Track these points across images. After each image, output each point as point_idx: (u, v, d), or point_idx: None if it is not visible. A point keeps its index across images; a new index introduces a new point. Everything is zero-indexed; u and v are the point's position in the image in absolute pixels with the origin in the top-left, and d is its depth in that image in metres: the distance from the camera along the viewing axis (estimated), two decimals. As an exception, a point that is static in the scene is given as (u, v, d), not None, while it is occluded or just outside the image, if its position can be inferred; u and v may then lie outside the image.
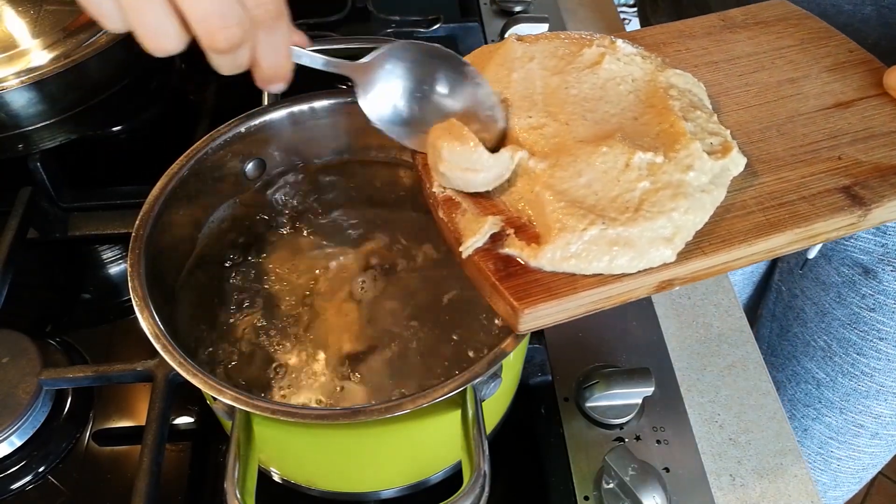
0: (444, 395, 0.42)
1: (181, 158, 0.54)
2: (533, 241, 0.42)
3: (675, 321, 0.70)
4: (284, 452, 0.52)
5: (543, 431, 0.60)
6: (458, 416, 0.44)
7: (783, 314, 0.93)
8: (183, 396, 0.60)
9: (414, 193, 0.63)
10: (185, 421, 0.61)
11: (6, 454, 0.58)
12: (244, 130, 0.57)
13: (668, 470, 0.57)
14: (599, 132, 0.45)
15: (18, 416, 0.57)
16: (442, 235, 0.46)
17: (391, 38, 0.69)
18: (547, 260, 0.41)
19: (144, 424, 0.54)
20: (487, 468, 0.41)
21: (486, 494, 0.41)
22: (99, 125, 0.79)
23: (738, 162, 0.45)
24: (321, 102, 0.59)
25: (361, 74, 0.46)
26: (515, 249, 0.42)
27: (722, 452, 0.61)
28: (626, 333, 0.66)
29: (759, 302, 1.01)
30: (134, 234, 0.50)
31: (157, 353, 0.44)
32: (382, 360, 0.56)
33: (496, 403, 0.56)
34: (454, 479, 0.56)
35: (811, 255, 0.81)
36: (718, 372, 0.66)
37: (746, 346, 0.68)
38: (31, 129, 0.68)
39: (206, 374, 0.43)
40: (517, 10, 1.00)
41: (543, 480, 0.57)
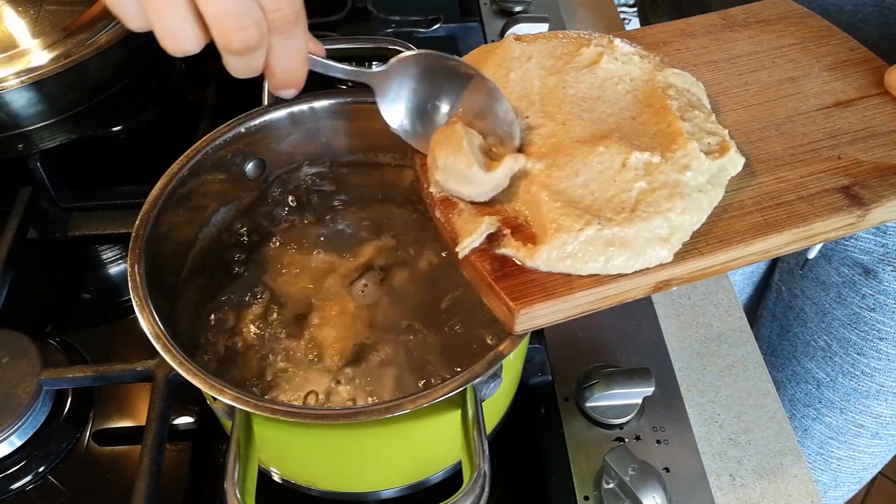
0: (444, 395, 0.42)
1: (181, 158, 0.54)
2: (529, 241, 0.42)
3: (675, 321, 0.70)
4: (284, 452, 0.52)
5: (543, 431, 0.60)
6: (458, 416, 0.44)
7: (783, 314, 0.93)
8: (183, 396, 0.60)
9: (414, 194, 0.63)
10: (185, 421, 0.61)
11: (6, 454, 0.58)
12: (244, 130, 0.57)
13: (668, 470, 0.57)
14: (597, 132, 0.45)
15: (18, 416, 0.57)
16: (439, 235, 0.46)
17: (391, 37, 0.69)
18: (543, 260, 0.41)
19: (144, 424, 0.54)
20: (487, 468, 0.41)
21: (486, 494, 0.41)
22: (99, 125, 0.79)
23: (735, 162, 0.45)
24: (321, 102, 0.59)
25: (379, 82, 0.46)
26: (512, 250, 0.42)
27: (722, 452, 0.61)
28: (626, 333, 0.66)
29: (759, 302, 1.01)
30: (134, 234, 0.50)
31: (157, 353, 0.44)
32: (383, 360, 0.56)
33: (496, 403, 0.56)
34: (454, 479, 0.56)
35: (811, 255, 0.81)
36: (718, 372, 0.66)
37: (746, 346, 0.68)
38: (31, 129, 0.68)
39: (206, 374, 0.43)
40: (517, 10, 1.00)
41: (543, 480, 0.57)
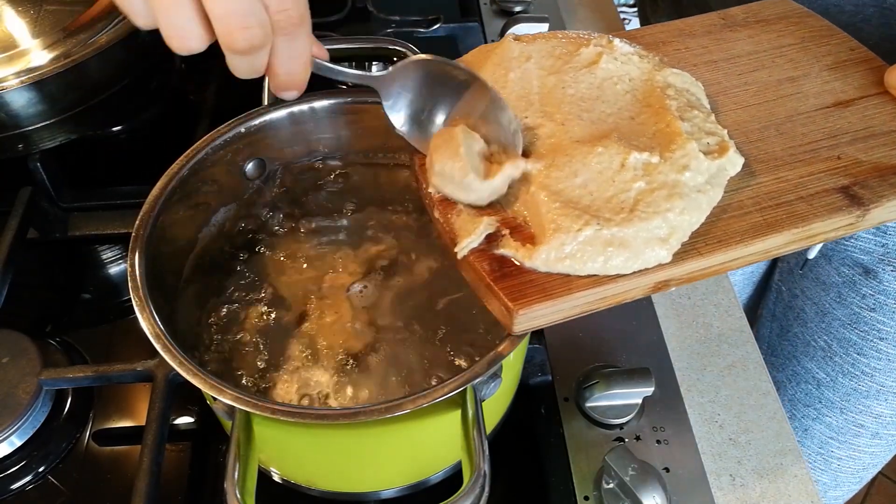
0: (444, 395, 0.42)
1: (181, 158, 0.54)
2: (528, 241, 0.42)
3: (675, 321, 0.70)
4: (284, 452, 0.52)
5: (543, 431, 0.60)
6: (458, 416, 0.44)
7: (783, 314, 0.93)
8: (183, 396, 0.60)
9: (414, 194, 0.63)
10: (185, 421, 0.61)
11: (6, 454, 0.58)
12: (244, 130, 0.57)
13: (668, 470, 0.57)
14: (595, 132, 0.45)
15: (18, 416, 0.57)
16: (438, 236, 0.46)
17: (391, 37, 0.69)
18: (541, 261, 0.41)
19: (144, 424, 0.54)
20: (487, 468, 0.41)
21: (486, 494, 0.41)
22: (99, 125, 0.79)
23: (735, 162, 0.45)
24: (321, 102, 0.59)
25: (384, 85, 0.46)
26: (510, 250, 0.42)
27: (722, 452, 0.61)
28: (626, 333, 0.66)
29: (759, 302, 1.01)
30: (134, 234, 0.50)
31: (157, 353, 0.44)
32: (382, 360, 0.56)
33: (496, 403, 0.56)
34: (454, 479, 0.56)
35: (811, 255, 0.81)
36: (718, 372, 0.66)
37: (746, 346, 0.68)
38: (31, 129, 0.68)
39: (206, 374, 0.43)
40: (517, 10, 1.00)
41: (543, 480, 0.57)
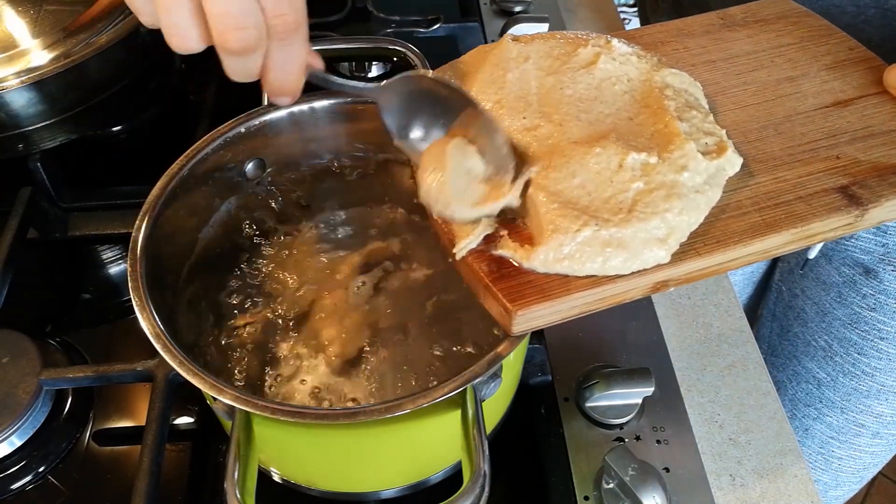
0: (444, 395, 0.42)
1: (181, 158, 0.54)
2: (526, 242, 0.42)
3: (675, 321, 0.70)
4: (284, 452, 0.52)
5: (543, 431, 0.60)
6: (458, 416, 0.44)
7: (784, 314, 0.93)
8: (183, 396, 0.60)
9: (414, 194, 0.63)
10: (185, 421, 0.61)
11: (6, 454, 0.58)
12: (244, 130, 0.57)
13: (668, 470, 0.57)
14: (593, 133, 0.45)
15: (18, 416, 0.57)
16: (437, 236, 0.46)
17: (391, 37, 0.69)
18: (540, 261, 0.41)
19: (144, 424, 0.54)
20: (487, 468, 0.41)
21: (486, 494, 0.41)
22: (99, 125, 0.79)
23: (733, 162, 0.45)
24: (321, 102, 0.59)
25: (382, 97, 0.47)
26: (509, 251, 0.42)
27: (722, 452, 0.61)
28: (626, 333, 0.66)
29: (759, 302, 1.01)
30: (134, 234, 0.50)
31: (157, 353, 0.44)
32: (383, 359, 0.56)
33: (496, 403, 0.56)
34: (454, 479, 0.56)
35: (812, 255, 0.81)
36: (718, 372, 0.66)
37: (746, 346, 0.68)
38: (31, 129, 0.68)
39: (206, 373, 0.43)
40: (517, 10, 1.00)
41: (543, 480, 0.57)
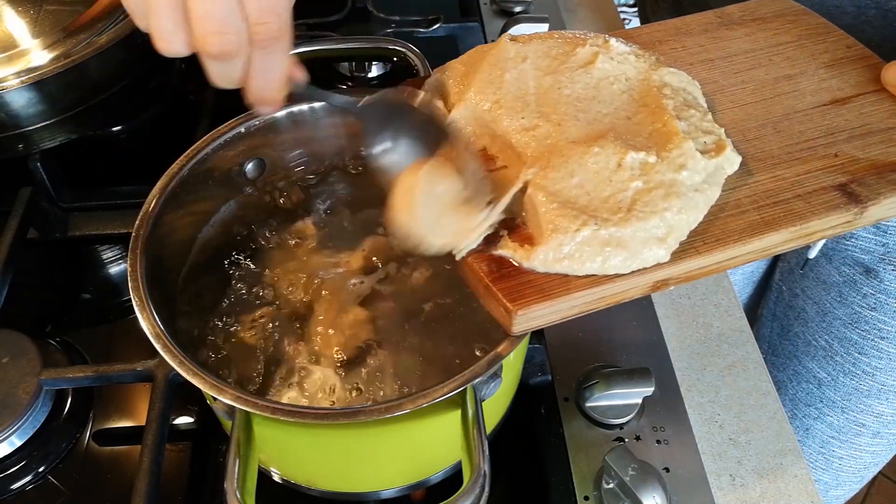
0: (444, 395, 0.42)
1: (181, 158, 0.54)
2: (526, 242, 0.42)
3: (675, 321, 0.70)
4: (284, 452, 0.52)
5: (543, 431, 0.60)
6: (458, 416, 0.44)
7: (784, 314, 0.93)
8: (183, 396, 0.60)
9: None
10: (185, 421, 0.61)
11: (6, 454, 0.58)
12: (244, 130, 0.57)
13: (668, 470, 0.57)
14: (592, 132, 0.45)
15: (18, 416, 0.57)
16: None
17: (391, 37, 0.69)
18: (540, 261, 0.41)
19: (144, 424, 0.54)
20: (487, 468, 0.41)
21: (486, 494, 0.41)
22: (99, 125, 0.79)
23: (732, 160, 0.45)
24: (321, 102, 0.59)
25: (364, 114, 0.47)
26: (508, 251, 0.42)
27: (722, 452, 0.61)
28: (626, 333, 0.66)
29: (759, 302, 1.01)
30: (134, 234, 0.50)
31: (157, 353, 0.44)
32: (383, 360, 0.56)
33: (496, 403, 0.56)
34: (454, 479, 0.56)
35: (812, 254, 0.81)
36: (718, 372, 0.66)
37: (746, 346, 0.68)
38: (31, 129, 0.68)
39: (206, 373, 0.43)
40: (517, 10, 1.00)
41: (543, 480, 0.57)
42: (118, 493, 0.57)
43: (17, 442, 0.58)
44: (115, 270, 0.75)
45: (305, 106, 0.59)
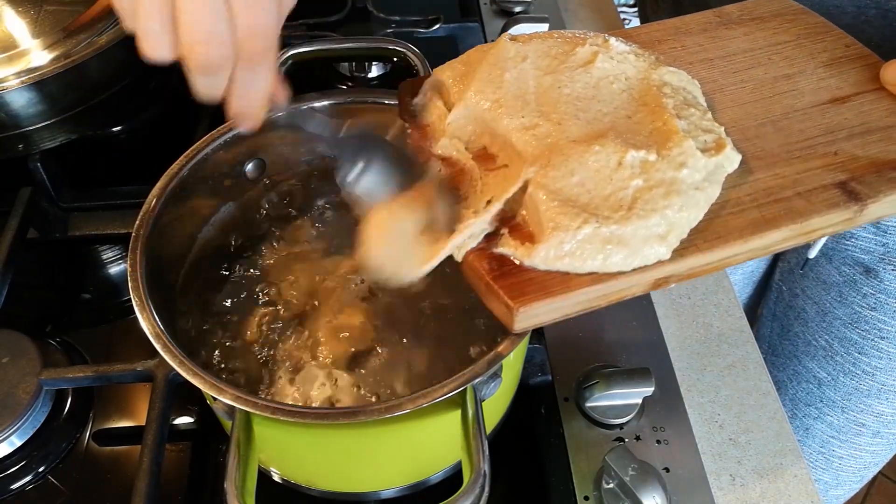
0: (444, 395, 0.42)
1: (181, 158, 0.54)
2: (527, 240, 0.42)
3: (675, 321, 0.70)
4: (284, 452, 0.52)
5: (543, 431, 0.60)
6: (458, 416, 0.44)
7: (784, 314, 0.93)
8: (183, 396, 0.60)
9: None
10: (185, 421, 0.61)
11: (6, 454, 0.58)
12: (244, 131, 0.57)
13: (668, 470, 0.57)
14: (592, 131, 0.45)
15: (18, 416, 0.57)
16: None
17: (391, 37, 0.69)
18: (541, 259, 0.41)
19: (144, 424, 0.54)
20: (487, 468, 0.41)
21: (486, 494, 0.41)
22: (99, 125, 0.79)
23: (732, 159, 0.45)
24: (321, 102, 0.59)
25: (340, 147, 0.47)
26: (509, 249, 0.42)
27: (722, 452, 0.61)
28: (626, 333, 0.66)
29: (759, 302, 1.01)
30: (134, 234, 0.50)
31: (157, 353, 0.44)
32: (383, 359, 0.56)
33: (496, 403, 0.56)
34: (454, 479, 0.56)
35: (812, 254, 0.81)
36: (718, 372, 0.66)
37: (746, 346, 0.68)
38: (31, 129, 0.68)
39: (206, 373, 0.43)
40: (517, 10, 1.00)
41: (543, 480, 0.57)
42: (118, 493, 0.57)
43: (17, 442, 0.58)
44: (115, 270, 0.75)
45: (305, 105, 0.59)
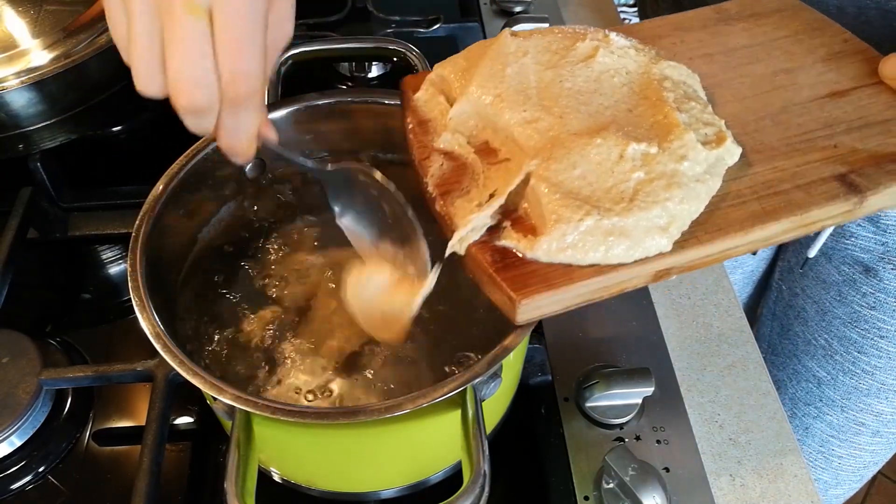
0: (444, 395, 0.42)
1: (181, 158, 0.54)
2: (529, 232, 0.42)
3: (675, 321, 0.70)
4: (284, 452, 0.52)
5: (543, 431, 0.60)
6: (458, 416, 0.44)
7: (784, 313, 0.93)
8: (183, 396, 0.60)
9: (415, 192, 0.63)
10: (185, 421, 0.61)
11: (6, 454, 0.58)
12: (244, 131, 0.57)
13: (668, 470, 0.57)
14: (593, 124, 0.45)
15: (18, 416, 0.57)
16: (439, 230, 0.46)
17: (391, 37, 0.69)
18: (543, 251, 0.41)
19: (144, 424, 0.54)
20: (487, 468, 0.41)
21: (486, 494, 0.41)
22: (99, 125, 0.79)
23: (732, 151, 0.45)
24: (321, 102, 0.59)
25: (330, 179, 0.50)
26: (512, 241, 0.42)
27: (722, 452, 0.61)
28: (626, 333, 0.66)
29: (759, 301, 1.01)
30: (134, 234, 0.50)
31: (157, 353, 0.44)
32: (383, 359, 0.56)
33: (496, 403, 0.56)
34: (454, 479, 0.56)
35: (811, 253, 0.80)
36: (718, 372, 0.66)
37: (746, 346, 0.68)
38: (31, 129, 0.68)
39: (206, 373, 0.43)
40: (517, 10, 1.00)
41: (543, 480, 0.57)
42: (118, 493, 0.57)
43: (17, 442, 0.58)
44: (115, 270, 0.75)
45: (304, 105, 0.59)
